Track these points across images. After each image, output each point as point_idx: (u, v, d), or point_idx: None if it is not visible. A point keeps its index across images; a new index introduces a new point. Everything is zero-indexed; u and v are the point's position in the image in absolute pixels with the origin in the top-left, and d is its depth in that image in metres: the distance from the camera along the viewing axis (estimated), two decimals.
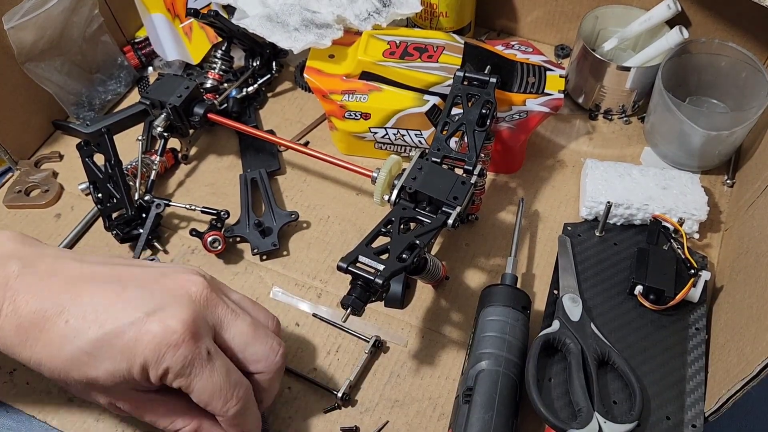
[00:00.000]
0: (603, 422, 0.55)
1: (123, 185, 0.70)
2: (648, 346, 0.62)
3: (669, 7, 0.75)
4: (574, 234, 0.70)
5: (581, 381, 0.57)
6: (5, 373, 0.65)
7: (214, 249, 0.70)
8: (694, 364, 0.60)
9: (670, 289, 0.62)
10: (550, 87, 0.72)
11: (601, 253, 0.68)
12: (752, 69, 0.72)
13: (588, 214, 0.71)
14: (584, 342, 0.60)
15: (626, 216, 0.70)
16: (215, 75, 0.85)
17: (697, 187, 0.71)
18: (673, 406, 0.58)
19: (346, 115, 0.75)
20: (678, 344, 0.62)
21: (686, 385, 0.59)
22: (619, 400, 0.58)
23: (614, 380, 0.59)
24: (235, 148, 0.83)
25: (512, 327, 0.59)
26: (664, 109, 0.73)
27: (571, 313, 0.62)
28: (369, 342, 0.65)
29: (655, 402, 0.58)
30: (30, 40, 0.76)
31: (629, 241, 0.69)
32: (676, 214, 0.68)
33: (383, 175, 0.63)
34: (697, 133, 0.71)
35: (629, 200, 0.69)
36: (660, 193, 0.70)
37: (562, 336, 0.60)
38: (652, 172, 0.72)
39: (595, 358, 0.59)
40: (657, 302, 0.63)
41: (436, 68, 0.71)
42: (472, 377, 0.57)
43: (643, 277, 0.63)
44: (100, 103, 0.86)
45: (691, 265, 0.63)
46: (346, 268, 0.53)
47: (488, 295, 0.62)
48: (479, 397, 0.55)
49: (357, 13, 0.76)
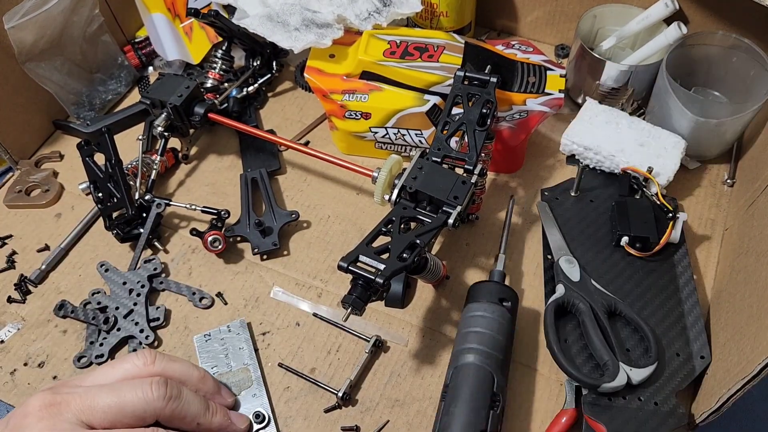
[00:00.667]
0: (629, 370, 0.58)
1: (123, 185, 0.70)
2: (643, 292, 0.65)
3: (667, 6, 0.76)
4: (552, 198, 0.73)
5: (599, 336, 0.60)
6: (6, 373, 0.65)
7: (214, 248, 0.70)
8: (689, 299, 0.64)
9: (653, 235, 0.65)
10: (550, 86, 0.73)
11: (581, 212, 0.71)
12: (761, 67, 0.72)
13: (562, 149, 0.75)
14: (591, 299, 0.62)
15: (595, 161, 0.72)
16: (215, 75, 0.85)
17: (676, 153, 0.71)
18: (680, 343, 0.61)
19: (346, 115, 0.75)
20: (670, 284, 0.65)
21: (686, 320, 0.62)
22: (632, 347, 0.61)
23: (623, 329, 0.62)
24: (235, 148, 0.83)
25: (490, 321, 0.60)
26: (663, 92, 0.73)
27: (571, 274, 0.65)
28: (369, 341, 0.65)
29: (663, 342, 0.61)
30: (30, 40, 0.76)
31: (604, 196, 0.72)
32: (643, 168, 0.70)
33: (384, 175, 0.63)
34: (686, 117, 0.72)
35: (599, 147, 0.72)
36: (634, 147, 0.72)
37: (569, 298, 0.63)
38: (641, 127, 0.73)
39: (604, 312, 0.62)
40: (644, 249, 0.66)
41: (437, 68, 0.71)
42: (449, 374, 0.58)
43: (626, 227, 0.66)
44: (101, 103, 0.86)
45: (667, 210, 0.66)
46: (347, 267, 0.53)
47: (470, 292, 0.64)
48: (451, 392, 0.56)
49: (357, 12, 0.76)
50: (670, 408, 0.58)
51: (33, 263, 0.73)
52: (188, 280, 0.72)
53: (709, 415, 0.56)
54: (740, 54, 0.75)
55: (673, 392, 0.59)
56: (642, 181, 0.69)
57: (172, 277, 0.72)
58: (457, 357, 0.58)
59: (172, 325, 0.68)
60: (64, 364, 0.66)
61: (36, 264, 0.73)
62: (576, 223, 0.70)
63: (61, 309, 0.67)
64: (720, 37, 0.75)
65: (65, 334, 0.68)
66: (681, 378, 0.59)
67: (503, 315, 0.60)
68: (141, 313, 0.68)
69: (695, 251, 0.71)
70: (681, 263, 0.67)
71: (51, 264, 0.73)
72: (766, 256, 0.58)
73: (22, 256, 0.74)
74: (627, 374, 0.58)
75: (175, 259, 0.73)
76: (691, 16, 0.79)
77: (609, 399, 0.58)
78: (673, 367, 0.60)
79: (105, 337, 0.66)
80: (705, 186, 0.76)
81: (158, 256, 0.72)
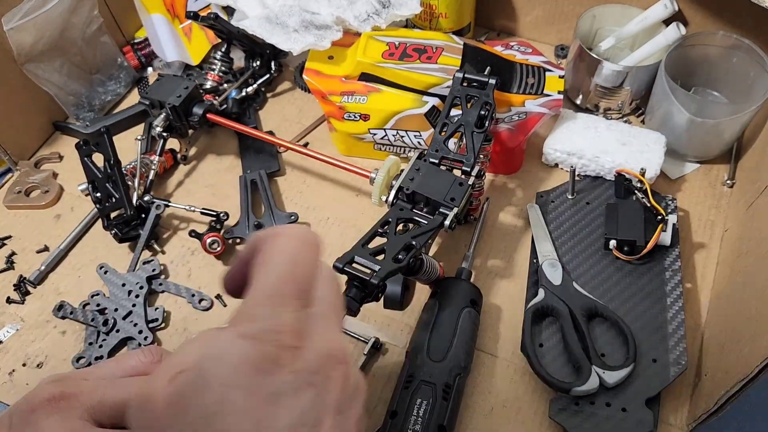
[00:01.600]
0: (602, 373, 0.58)
1: (122, 185, 0.70)
2: (630, 296, 0.65)
3: (666, 7, 0.75)
4: (548, 201, 0.73)
5: (575, 340, 0.60)
6: (5, 373, 0.66)
7: (213, 250, 0.70)
8: (674, 305, 0.63)
9: (640, 239, 0.65)
10: (549, 88, 0.72)
11: (576, 215, 0.71)
12: (761, 68, 0.72)
13: (545, 160, 0.77)
14: (570, 302, 0.63)
15: (579, 165, 0.73)
16: (215, 76, 0.85)
17: (659, 148, 0.72)
18: (659, 349, 0.61)
19: (345, 117, 0.75)
20: (657, 289, 0.65)
21: (668, 327, 0.62)
22: (612, 350, 0.61)
23: (604, 333, 0.63)
24: (234, 149, 0.83)
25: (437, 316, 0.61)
26: (662, 92, 0.73)
27: (553, 277, 0.65)
28: (368, 343, 0.65)
29: (642, 347, 0.61)
30: (30, 41, 0.76)
31: (600, 199, 0.72)
32: (632, 168, 0.70)
33: (381, 176, 0.63)
34: (684, 117, 0.72)
35: (582, 151, 0.72)
36: (616, 147, 0.72)
37: (549, 302, 0.63)
38: (619, 128, 0.75)
39: (583, 315, 0.62)
40: (631, 253, 0.66)
41: (436, 69, 0.71)
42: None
43: (614, 231, 0.66)
44: (100, 104, 0.86)
45: (657, 212, 0.65)
46: (342, 268, 0.53)
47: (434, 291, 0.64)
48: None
49: (356, 14, 0.76)
50: (638, 415, 0.57)
51: (32, 264, 0.73)
52: (187, 281, 0.72)
53: (708, 416, 0.56)
54: (740, 54, 0.74)
55: (643, 399, 0.58)
56: (634, 184, 0.69)
57: (172, 279, 0.72)
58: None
59: (171, 327, 0.68)
60: (63, 364, 0.66)
61: (35, 265, 0.73)
62: (570, 226, 0.70)
63: (60, 310, 0.67)
64: (720, 37, 0.75)
65: (64, 335, 0.68)
66: (654, 384, 0.59)
67: (454, 313, 0.61)
68: (140, 314, 0.68)
69: (695, 252, 0.71)
70: (671, 267, 0.66)
71: (50, 265, 0.73)
72: (765, 257, 0.58)
73: (22, 256, 0.74)
74: (600, 377, 0.58)
75: (175, 261, 0.73)
76: (690, 16, 0.79)
77: (576, 404, 0.58)
78: (649, 374, 0.59)
79: (104, 338, 0.66)
80: (705, 187, 0.76)
81: (157, 257, 0.72)
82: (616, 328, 0.62)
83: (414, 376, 0.56)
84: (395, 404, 0.56)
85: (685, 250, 0.70)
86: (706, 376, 0.60)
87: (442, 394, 0.55)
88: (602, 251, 0.68)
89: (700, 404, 0.58)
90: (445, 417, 0.55)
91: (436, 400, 0.55)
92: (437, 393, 0.55)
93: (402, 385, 0.57)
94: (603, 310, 0.63)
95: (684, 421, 0.60)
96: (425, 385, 0.56)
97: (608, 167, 0.72)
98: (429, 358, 0.57)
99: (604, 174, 0.73)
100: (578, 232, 0.70)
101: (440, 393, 0.55)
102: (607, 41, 0.81)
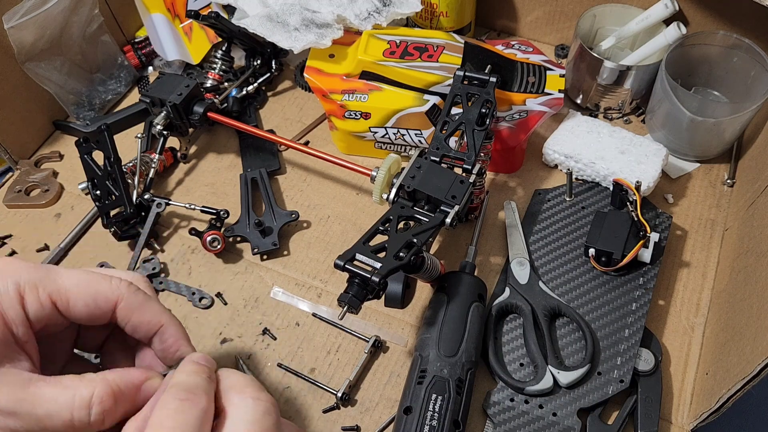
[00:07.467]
0: (557, 373, 0.59)
1: (122, 183, 0.70)
2: (598, 306, 0.65)
3: (666, 6, 0.75)
4: (544, 199, 0.73)
5: (533, 339, 0.61)
6: None
7: (213, 248, 0.70)
8: (635, 324, 0.63)
9: (618, 252, 0.64)
10: (550, 86, 0.72)
11: (568, 217, 0.71)
12: (761, 67, 0.72)
13: (544, 160, 0.77)
14: (534, 301, 0.64)
15: (576, 169, 0.73)
16: (215, 75, 0.85)
17: (657, 160, 0.72)
18: (608, 364, 0.61)
19: (346, 115, 0.75)
20: (624, 305, 0.65)
21: (622, 345, 0.62)
22: (573, 351, 0.62)
23: (567, 334, 0.63)
24: (235, 148, 0.83)
25: (435, 307, 0.61)
26: (662, 92, 0.73)
27: (519, 276, 0.66)
28: (369, 342, 0.65)
29: (604, 354, 0.61)
30: (30, 40, 0.76)
31: (597, 206, 0.72)
32: (627, 179, 0.69)
33: (382, 174, 0.63)
34: (684, 117, 0.72)
35: (580, 155, 0.72)
36: (614, 155, 0.72)
37: (513, 300, 0.64)
38: (621, 135, 0.74)
39: (545, 314, 0.63)
40: (607, 264, 0.66)
41: (436, 68, 0.71)
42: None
43: (595, 240, 0.66)
44: (101, 103, 0.86)
45: (642, 228, 0.65)
46: (343, 265, 0.53)
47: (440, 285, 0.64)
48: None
49: (357, 12, 0.76)
50: (567, 422, 0.58)
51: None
52: (188, 280, 0.71)
53: (709, 415, 0.56)
54: (741, 54, 0.74)
55: (576, 408, 0.59)
56: (629, 195, 0.68)
57: (172, 277, 0.72)
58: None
59: None
60: None
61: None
62: (559, 228, 0.70)
63: None
64: (720, 37, 0.75)
65: None
66: (591, 397, 0.59)
67: (442, 300, 0.61)
68: None
69: (694, 252, 0.71)
70: (646, 285, 0.65)
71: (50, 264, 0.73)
72: (766, 256, 0.58)
73: (22, 255, 0.74)
74: (554, 376, 0.59)
75: (175, 259, 0.73)
76: (691, 16, 0.79)
77: (512, 399, 0.59)
78: (590, 386, 0.60)
79: None
80: (705, 186, 0.76)
81: (157, 255, 0.72)
82: (579, 331, 0.63)
83: (427, 372, 0.56)
84: (409, 400, 0.56)
85: (684, 259, 0.70)
86: (708, 375, 0.60)
87: (456, 389, 0.55)
88: (582, 257, 0.68)
89: (701, 403, 0.58)
90: (459, 412, 0.55)
91: (450, 395, 0.55)
92: (451, 388, 0.55)
93: (415, 380, 0.56)
94: (566, 310, 0.63)
95: (686, 419, 0.60)
96: (439, 380, 0.56)
97: (603, 174, 0.72)
98: (441, 353, 0.57)
99: (599, 180, 0.73)
100: (565, 234, 0.70)
101: (454, 388, 0.55)
102: (608, 41, 0.82)
